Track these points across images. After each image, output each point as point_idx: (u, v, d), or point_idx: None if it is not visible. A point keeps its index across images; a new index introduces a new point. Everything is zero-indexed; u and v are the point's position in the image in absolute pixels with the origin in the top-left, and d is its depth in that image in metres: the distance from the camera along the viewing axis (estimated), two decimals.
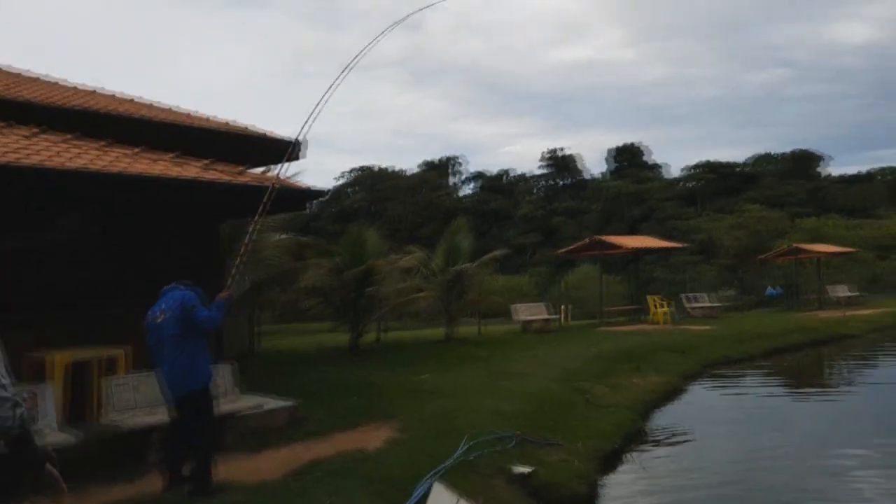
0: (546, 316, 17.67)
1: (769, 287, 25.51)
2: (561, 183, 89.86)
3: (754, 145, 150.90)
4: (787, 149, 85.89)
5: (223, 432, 6.45)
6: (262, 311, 15.45)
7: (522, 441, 7.40)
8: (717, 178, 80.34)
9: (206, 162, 8.10)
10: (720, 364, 13.97)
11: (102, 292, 7.78)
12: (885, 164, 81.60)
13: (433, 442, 7.19)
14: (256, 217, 6.42)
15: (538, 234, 72.01)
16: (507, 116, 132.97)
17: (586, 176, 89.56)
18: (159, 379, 5.29)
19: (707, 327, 17.63)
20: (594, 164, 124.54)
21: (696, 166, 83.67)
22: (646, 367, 12.38)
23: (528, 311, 17.66)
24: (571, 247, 21.22)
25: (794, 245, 24.49)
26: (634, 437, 8.80)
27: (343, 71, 6.44)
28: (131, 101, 10.79)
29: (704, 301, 21.49)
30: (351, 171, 60.59)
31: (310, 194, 8.40)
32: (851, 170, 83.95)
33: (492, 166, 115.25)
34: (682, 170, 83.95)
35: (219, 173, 7.95)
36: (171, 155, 7.84)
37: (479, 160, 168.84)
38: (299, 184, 8.54)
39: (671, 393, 11.41)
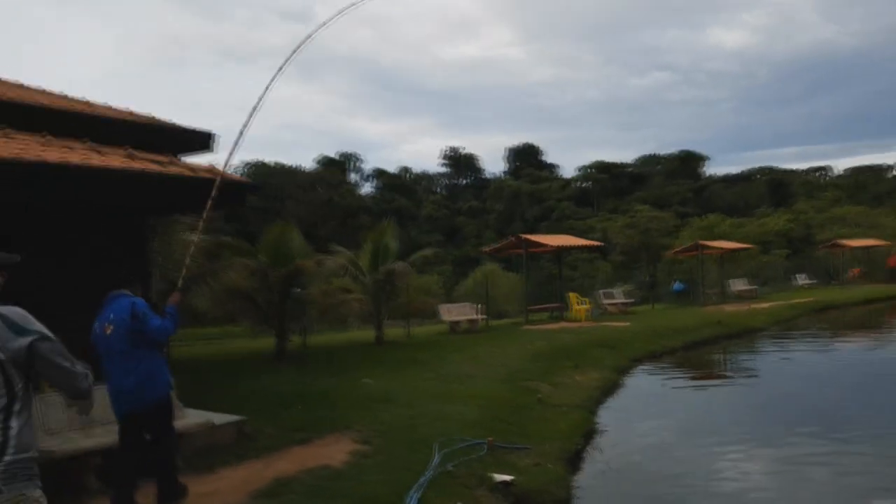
0: (473, 316, 17.51)
1: (675, 282, 26.67)
2: (463, 182, 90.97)
3: (640, 146, 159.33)
4: (670, 150, 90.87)
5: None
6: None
7: (493, 447, 7.10)
8: (608, 179, 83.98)
9: (127, 151, 7.21)
10: (647, 358, 14.29)
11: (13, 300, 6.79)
12: (762, 164, 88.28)
13: (403, 453, 6.79)
14: (205, 213, 5.92)
15: (441, 234, 72.41)
16: (403, 113, 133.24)
17: (487, 175, 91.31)
18: (111, 395, 4.83)
19: (626, 323, 18.06)
20: (491, 163, 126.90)
21: (588, 167, 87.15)
22: (583, 363, 12.43)
23: (456, 312, 17.44)
24: (497, 245, 21.22)
25: (698, 241, 25.76)
26: (590, 435, 8.68)
27: (284, 62, 6.09)
28: (21, 86, 9.58)
29: (619, 297, 22.12)
30: (245, 165, 57.57)
31: (250, 188, 7.70)
32: (732, 169, 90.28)
33: (389, 163, 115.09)
34: (577, 170, 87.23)
35: (146, 163, 7.12)
36: (82, 143, 6.94)
37: (376, 157, 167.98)
38: (238, 176, 7.81)
39: (611, 388, 11.47)
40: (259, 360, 13.10)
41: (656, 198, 76.45)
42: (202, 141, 9.54)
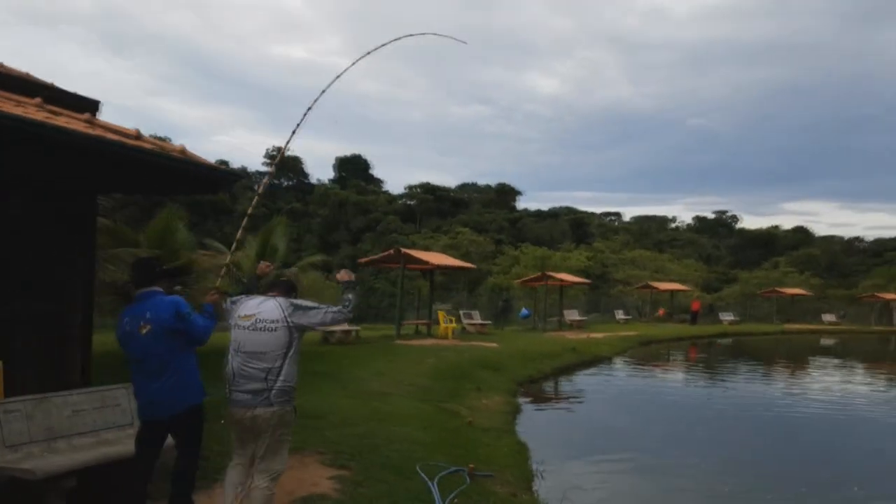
0: (347, 327, 16.97)
1: (523, 308, 28.09)
2: (285, 183, 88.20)
3: (458, 172, 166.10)
4: (485, 180, 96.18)
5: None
6: None
7: (473, 475, 6.95)
8: (433, 200, 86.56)
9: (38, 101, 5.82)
10: (528, 382, 14.85)
11: None
12: (565, 204, 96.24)
13: (391, 479, 6.44)
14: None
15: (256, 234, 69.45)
16: (219, 103, 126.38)
17: (312, 180, 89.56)
18: (140, 399, 4.47)
19: (494, 345, 18.65)
20: (315, 168, 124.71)
21: (415, 186, 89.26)
22: (483, 386, 12.61)
23: None
24: (374, 257, 20.76)
25: (545, 272, 27.41)
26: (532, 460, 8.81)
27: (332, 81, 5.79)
28: None
29: (478, 318, 22.78)
30: None
31: (231, 177, 6.86)
32: (541, 206, 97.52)
33: (202, 153, 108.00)
34: (405, 188, 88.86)
35: (106, 132, 6.06)
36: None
37: (186, 144, 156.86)
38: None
39: (514, 412, 11.73)
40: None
41: (476, 223, 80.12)
42: (90, 108, 8.21)
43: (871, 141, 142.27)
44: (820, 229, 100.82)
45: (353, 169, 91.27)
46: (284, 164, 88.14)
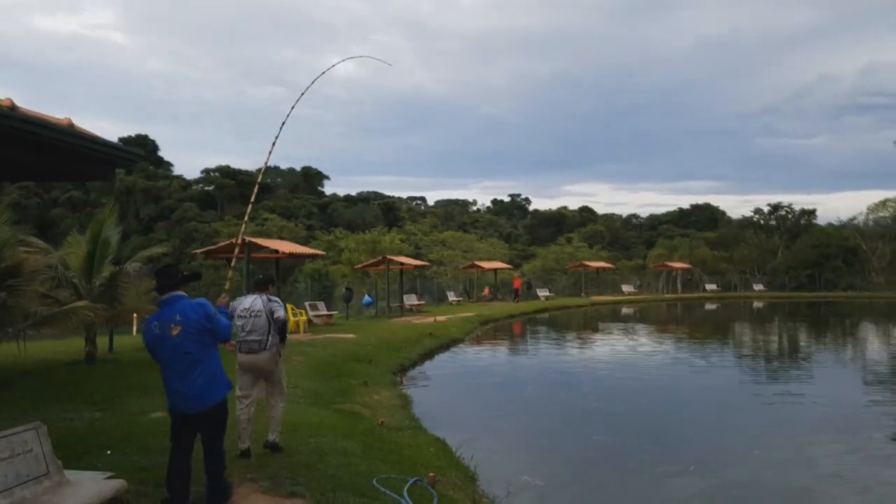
0: None
1: (365, 295, 27.10)
2: None
3: (258, 156, 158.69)
4: (287, 164, 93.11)
5: None
6: None
7: (434, 483, 6.25)
8: (234, 185, 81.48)
9: None
10: (401, 371, 14.25)
11: None
12: (372, 189, 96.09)
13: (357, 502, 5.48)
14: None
15: (32, 226, 60.55)
16: None
17: None
18: (173, 396, 4.73)
19: (351, 335, 17.73)
20: None
21: (213, 170, 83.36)
22: (370, 381, 11.79)
23: None
24: (212, 247, 18.43)
25: (385, 256, 26.67)
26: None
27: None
28: None
29: (323, 309, 21.50)
30: None
31: (129, 156, 5.38)
32: (350, 190, 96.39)
33: None
34: (201, 172, 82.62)
35: None
36: None
37: None
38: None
39: (408, 405, 11.09)
40: None
41: (283, 208, 77.01)
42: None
43: (640, 127, 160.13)
44: (599, 209, 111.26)
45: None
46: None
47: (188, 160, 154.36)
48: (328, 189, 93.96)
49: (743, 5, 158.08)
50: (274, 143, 6.76)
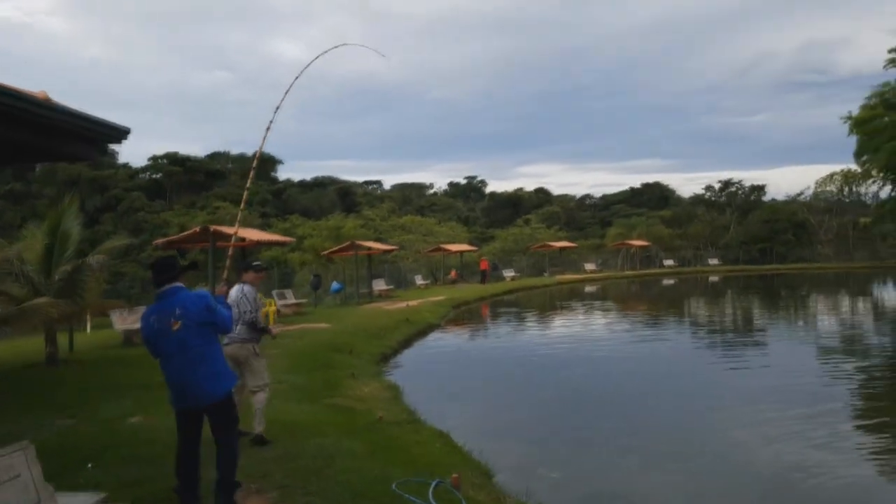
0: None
1: (333, 282, 26.29)
2: None
3: (207, 142, 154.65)
4: (237, 149, 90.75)
5: None
6: None
7: (459, 486, 5.78)
8: (183, 172, 78.78)
9: None
10: (383, 360, 13.75)
11: None
12: (327, 174, 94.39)
13: None
14: None
15: None
16: None
17: None
18: (177, 391, 4.53)
19: (324, 325, 17.09)
20: None
21: (160, 157, 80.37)
22: (357, 372, 11.26)
23: (132, 319, 13.76)
24: (175, 237, 17.36)
25: (354, 241, 25.91)
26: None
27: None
28: None
29: (291, 298, 20.72)
30: None
31: (112, 132, 4.68)
32: (304, 176, 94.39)
33: None
34: (148, 160, 79.61)
35: None
36: None
37: None
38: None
39: (399, 395, 10.57)
40: None
41: (236, 196, 74.49)
42: None
43: (590, 107, 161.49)
44: (554, 189, 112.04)
45: None
46: None
47: (134, 148, 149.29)
48: (282, 174, 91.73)
49: None
50: (269, 128, 6.62)
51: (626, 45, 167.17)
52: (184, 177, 78.45)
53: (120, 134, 4.55)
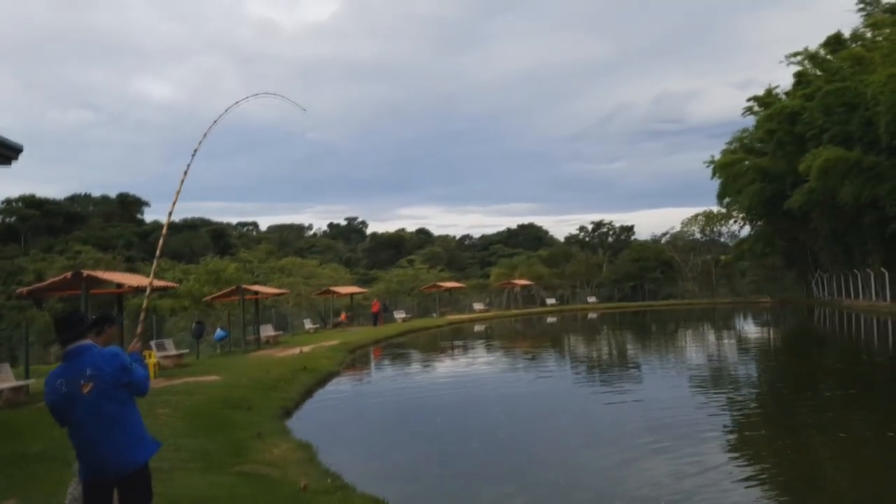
0: (16, 382, 12.13)
1: (218, 329, 24.21)
2: None
3: (65, 183, 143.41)
4: (99, 191, 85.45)
5: None
6: None
7: None
8: (40, 215, 72.37)
9: None
10: (286, 414, 12.60)
11: None
12: (198, 215, 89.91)
13: None
14: None
15: None
16: None
17: None
18: (91, 462, 3.89)
19: (214, 377, 15.55)
20: None
21: (14, 200, 73.47)
22: (245, 431, 10.12)
23: None
24: (41, 284, 15.05)
25: (240, 286, 24.11)
26: None
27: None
28: None
29: (171, 348, 18.78)
30: None
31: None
32: (173, 217, 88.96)
33: None
34: (2, 203, 72.39)
35: None
36: None
37: None
38: None
39: (313, 458, 9.55)
40: None
41: (98, 239, 69.30)
42: None
43: (464, 152, 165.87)
44: (434, 230, 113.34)
45: None
46: None
47: None
48: (149, 216, 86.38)
49: (545, 39, 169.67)
50: (186, 172, 6.23)
51: (493, 94, 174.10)
52: (41, 220, 72.04)
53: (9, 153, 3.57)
